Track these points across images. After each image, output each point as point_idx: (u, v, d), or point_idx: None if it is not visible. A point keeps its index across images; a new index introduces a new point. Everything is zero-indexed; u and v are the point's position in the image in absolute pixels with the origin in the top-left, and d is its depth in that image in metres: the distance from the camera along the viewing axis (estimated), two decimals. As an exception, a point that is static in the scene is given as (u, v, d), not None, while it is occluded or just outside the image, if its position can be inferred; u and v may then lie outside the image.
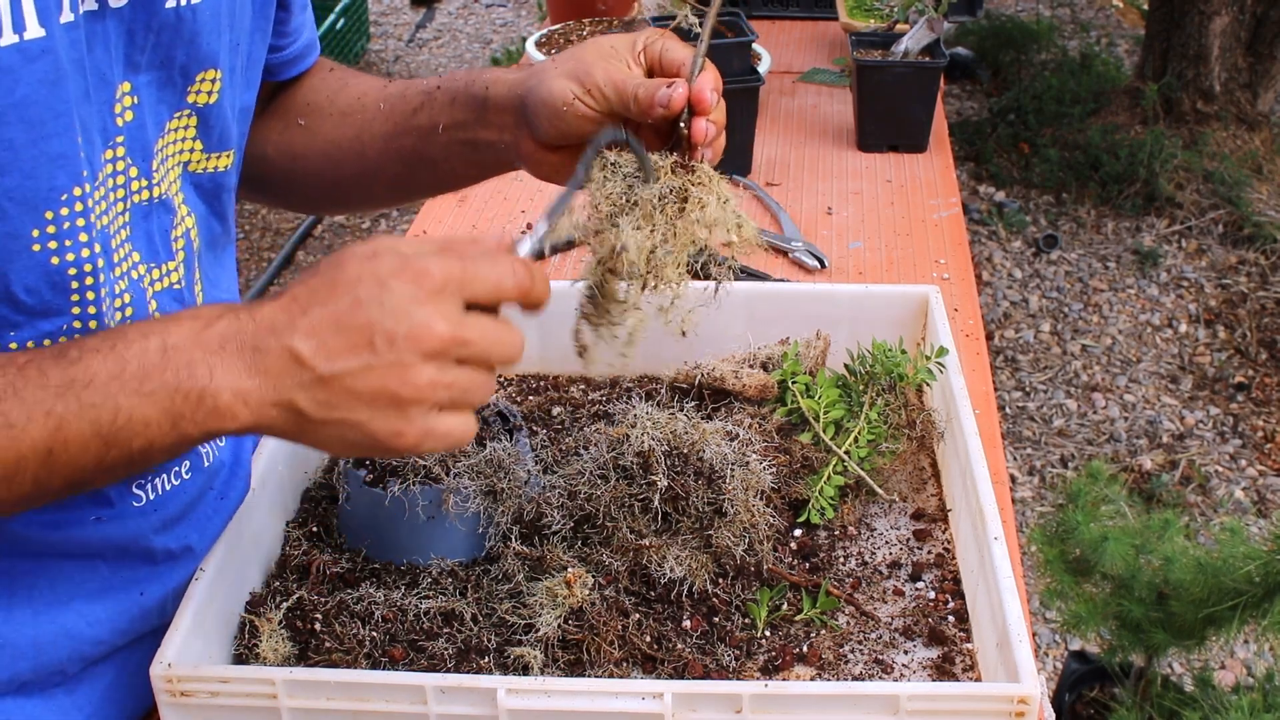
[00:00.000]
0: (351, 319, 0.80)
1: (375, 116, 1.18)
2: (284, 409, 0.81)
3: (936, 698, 0.92)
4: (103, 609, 1.07)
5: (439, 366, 0.81)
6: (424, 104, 1.15)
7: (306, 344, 0.80)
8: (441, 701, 0.93)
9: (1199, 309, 4.07)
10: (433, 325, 0.80)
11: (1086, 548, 1.85)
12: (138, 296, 0.99)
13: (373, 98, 1.20)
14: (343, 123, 1.20)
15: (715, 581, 1.11)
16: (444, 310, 0.81)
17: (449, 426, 0.84)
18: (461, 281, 0.83)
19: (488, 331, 0.83)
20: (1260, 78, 4.64)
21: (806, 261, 1.91)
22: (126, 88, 0.94)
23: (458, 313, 0.82)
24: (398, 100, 1.18)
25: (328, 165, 1.22)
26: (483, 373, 0.84)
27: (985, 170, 4.80)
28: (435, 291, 0.81)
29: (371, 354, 0.80)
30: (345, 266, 0.83)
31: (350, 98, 1.21)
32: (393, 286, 0.81)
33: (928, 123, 2.28)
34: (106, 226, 0.95)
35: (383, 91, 1.20)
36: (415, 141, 1.16)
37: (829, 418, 1.25)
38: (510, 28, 6.59)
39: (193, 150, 1.04)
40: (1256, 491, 3.38)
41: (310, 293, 0.82)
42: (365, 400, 0.80)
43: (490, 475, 1.15)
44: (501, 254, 0.87)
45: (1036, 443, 3.58)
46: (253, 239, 4.65)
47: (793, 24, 2.93)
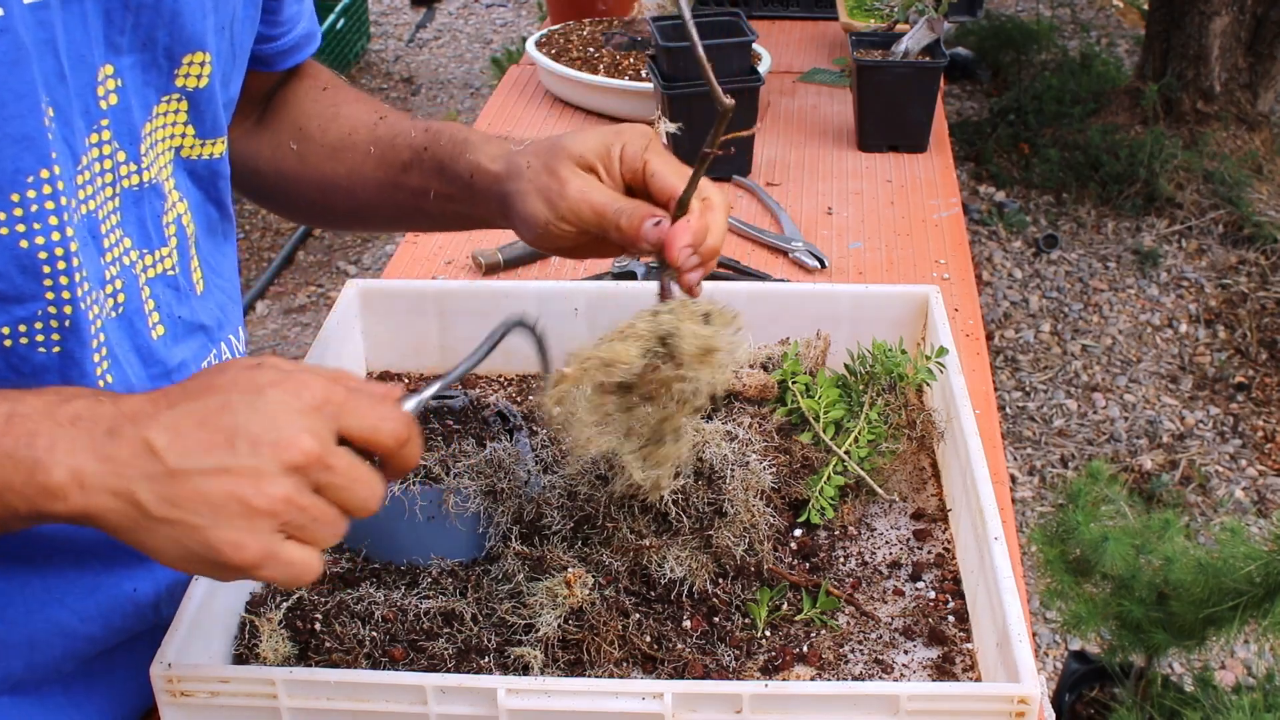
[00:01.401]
0: (217, 419, 0.76)
1: (366, 160, 1.16)
2: (121, 499, 0.75)
3: (936, 698, 0.92)
4: (95, 606, 1.06)
5: (297, 484, 0.76)
6: (413, 163, 1.13)
7: (163, 436, 0.75)
8: (441, 701, 0.93)
9: (1199, 309, 4.07)
10: (300, 438, 0.76)
11: (1086, 548, 1.85)
12: (130, 283, 0.99)
13: (363, 136, 1.17)
14: (334, 158, 1.18)
15: (715, 581, 1.11)
16: (315, 428, 0.77)
17: (293, 556, 0.77)
18: (341, 408, 0.79)
19: (354, 467, 0.79)
20: (1260, 78, 4.64)
21: (806, 261, 1.91)
22: (109, 70, 0.93)
23: (329, 435, 0.78)
24: (388, 149, 1.15)
25: (319, 196, 1.21)
26: (335, 511, 0.79)
27: (985, 170, 4.80)
28: (311, 408, 0.77)
29: (230, 455, 0.75)
30: (225, 372, 0.79)
31: (341, 132, 1.19)
32: (269, 394, 0.77)
33: (928, 123, 2.28)
34: (94, 211, 0.94)
35: (372, 131, 1.17)
36: (408, 198, 1.15)
37: (829, 418, 1.25)
38: (510, 28, 6.59)
39: (184, 136, 1.03)
40: (1256, 491, 3.38)
41: (182, 391, 0.78)
42: (212, 504, 0.74)
43: (490, 475, 1.15)
44: (387, 400, 0.83)
45: (1036, 443, 3.58)
46: (253, 239, 4.65)
47: (793, 24, 2.93)
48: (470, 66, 6.14)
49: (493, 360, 1.46)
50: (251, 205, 4.84)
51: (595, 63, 2.46)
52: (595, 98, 2.42)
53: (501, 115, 2.49)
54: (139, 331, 1.01)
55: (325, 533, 0.78)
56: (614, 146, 1.02)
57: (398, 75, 6.03)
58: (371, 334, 1.46)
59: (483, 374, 1.48)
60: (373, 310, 1.45)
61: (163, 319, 1.04)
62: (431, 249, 1.97)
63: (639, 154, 1.02)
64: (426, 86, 5.92)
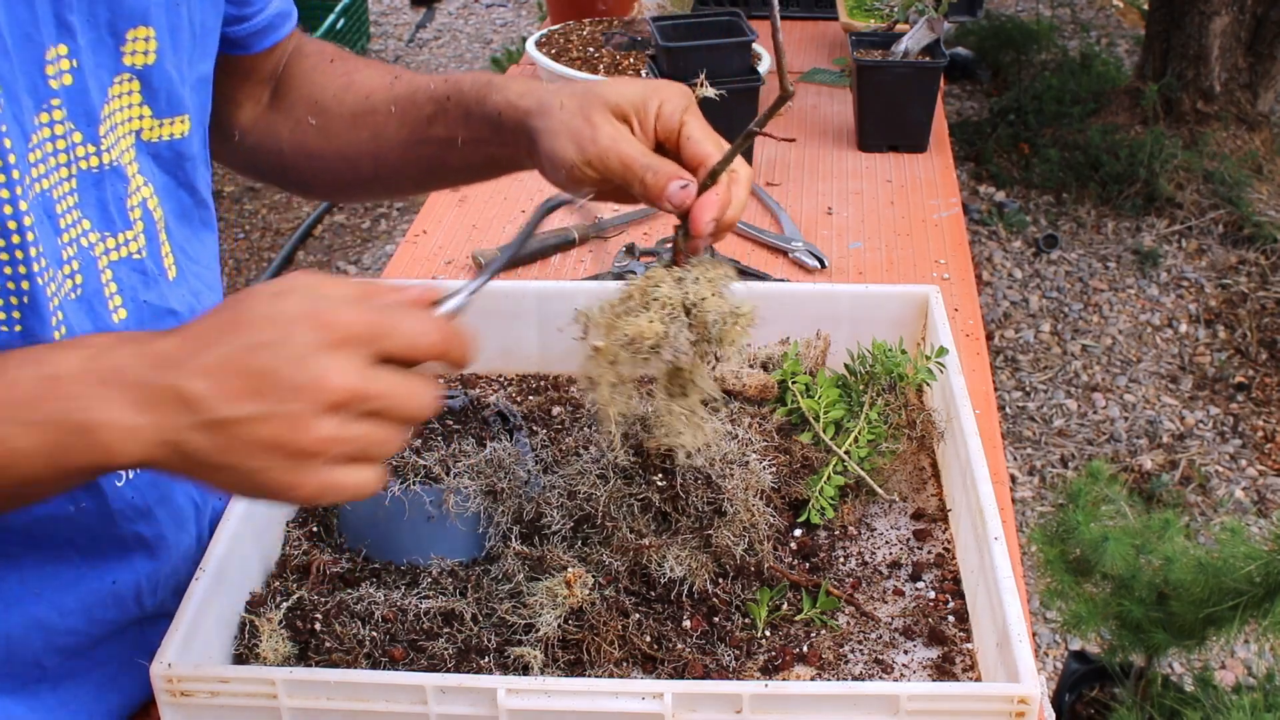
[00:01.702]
0: (250, 361, 0.75)
1: (389, 120, 1.16)
2: (174, 449, 0.76)
3: (936, 698, 0.92)
4: (76, 600, 1.06)
5: (340, 421, 0.76)
6: (437, 114, 1.13)
7: (200, 384, 0.75)
8: (441, 701, 0.93)
9: (1199, 309, 4.07)
10: (333, 378, 0.75)
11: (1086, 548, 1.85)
12: (87, 264, 0.98)
13: (381, 98, 1.17)
14: (355, 125, 1.18)
15: (715, 581, 1.11)
16: (348, 363, 0.76)
17: (351, 480, 0.79)
18: (373, 334, 0.78)
19: (396, 386, 0.78)
20: (1260, 78, 4.64)
21: (806, 261, 1.91)
22: (62, 50, 0.92)
23: (363, 366, 0.77)
24: (408, 105, 1.15)
25: (346, 167, 1.21)
26: (390, 427, 0.79)
27: (985, 170, 4.80)
28: (341, 341, 0.76)
29: (269, 402, 0.75)
30: (251, 304, 0.78)
31: (358, 97, 1.19)
32: (296, 332, 0.76)
33: (928, 123, 2.28)
34: (48, 191, 0.93)
35: (390, 91, 1.17)
36: (435, 150, 1.14)
37: (829, 418, 1.25)
38: (510, 28, 6.59)
39: (142, 117, 1.02)
40: (1256, 491, 3.38)
41: (210, 329, 0.77)
42: (260, 450, 0.75)
43: (490, 475, 1.15)
44: (420, 309, 0.83)
45: (1036, 443, 3.58)
46: (253, 239, 4.65)
47: (793, 24, 2.93)
48: (470, 66, 6.14)
49: (492, 361, 1.46)
50: (252, 205, 4.85)
51: (595, 63, 2.46)
52: (595, 98, 2.42)
53: (501, 115, 2.49)
54: (99, 315, 1.00)
55: (381, 451, 0.79)
56: (651, 101, 1.00)
57: (398, 75, 6.03)
58: (371, 334, 1.46)
59: (482, 374, 1.47)
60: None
61: (125, 303, 1.03)
62: (431, 249, 1.97)
63: (676, 114, 1.00)
64: (426, 86, 5.92)
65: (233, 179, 5.03)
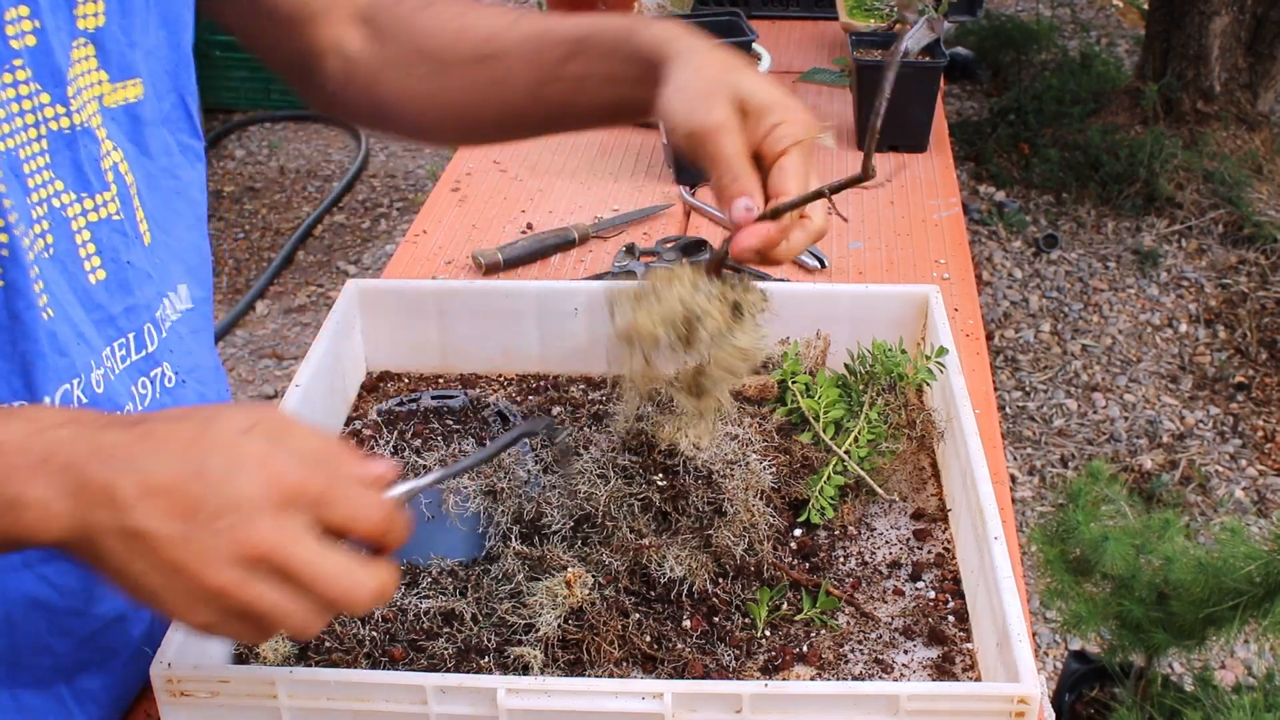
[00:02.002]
0: (189, 486, 0.74)
1: (514, 63, 1.15)
2: (88, 543, 0.75)
3: (936, 698, 0.92)
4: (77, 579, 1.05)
5: (247, 574, 0.74)
6: (574, 53, 1.12)
7: (131, 491, 0.74)
8: (441, 701, 0.93)
9: (1199, 309, 4.07)
10: (257, 529, 0.74)
11: (1086, 548, 1.85)
12: (59, 225, 0.98)
13: (505, 41, 1.16)
14: (475, 70, 1.16)
15: (715, 581, 1.11)
16: (280, 521, 0.75)
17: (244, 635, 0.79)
18: (318, 499, 0.77)
19: (326, 563, 0.76)
20: (1260, 78, 4.64)
21: (806, 261, 1.91)
22: (24, 11, 0.93)
23: (297, 529, 0.76)
24: (538, 46, 1.14)
25: (465, 112, 1.19)
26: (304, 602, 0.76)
27: (985, 170, 4.80)
28: (284, 499, 0.75)
29: (189, 529, 0.74)
30: (215, 430, 0.77)
31: (476, 41, 1.17)
32: (244, 476, 0.75)
33: (928, 123, 2.28)
34: (15, 150, 0.94)
35: (514, 32, 1.15)
36: (565, 90, 1.13)
37: (829, 418, 1.25)
38: (510, 28, 6.59)
39: (101, 82, 1.02)
40: (1256, 491, 3.38)
41: (165, 438, 0.77)
42: (164, 569, 0.74)
43: (490, 475, 1.15)
44: (371, 488, 0.81)
45: (1036, 443, 3.58)
46: (253, 239, 4.65)
47: (793, 24, 2.93)
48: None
49: (492, 360, 1.46)
50: (252, 205, 4.85)
51: (595, 63, 2.46)
52: (595, 98, 2.42)
53: (501, 115, 2.49)
54: (74, 275, 1.00)
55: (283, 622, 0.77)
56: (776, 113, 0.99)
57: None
58: (371, 334, 1.46)
59: (483, 374, 1.48)
60: (373, 310, 1.45)
61: (105, 263, 1.03)
62: (431, 249, 1.97)
63: (788, 140, 0.98)
64: (426, 86, 5.92)
65: (233, 179, 5.03)
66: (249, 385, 3.85)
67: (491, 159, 2.28)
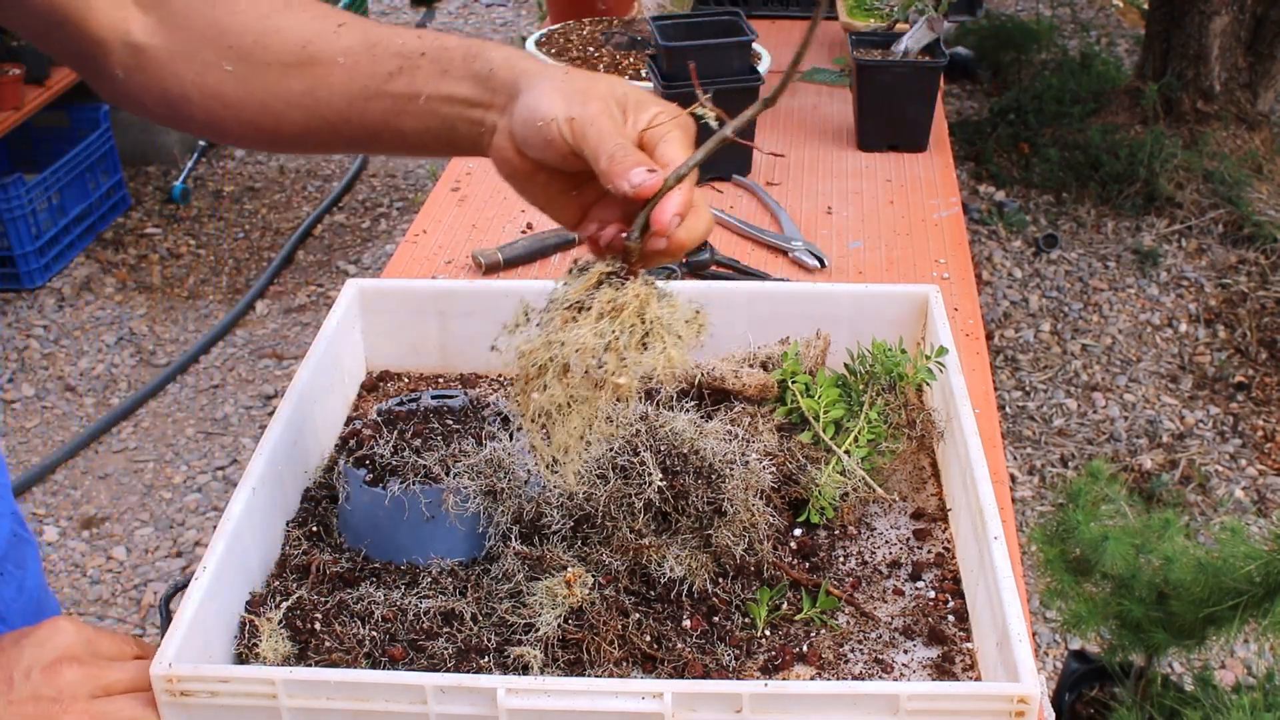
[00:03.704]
0: None
1: (333, 72, 1.05)
2: None
3: (936, 697, 0.92)
4: None
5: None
6: (403, 68, 1.04)
7: None
8: (441, 701, 0.93)
9: (1199, 309, 4.07)
10: None
11: (1086, 547, 1.85)
12: None
13: (324, 47, 1.05)
14: (287, 75, 1.07)
15: (715, 581, 1.11)
16: None
17: None
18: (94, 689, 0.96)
19: None
20: (1260, 78, 4.64)
21: (806, 261, 1.91)
22: None
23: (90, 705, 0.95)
24: (365, 58, 1.05)
25: (269, 118, 1.08)
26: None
27: (985, 170, 4.80)
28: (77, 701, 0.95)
29: None
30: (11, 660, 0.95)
31: (290, 46, 1.06)
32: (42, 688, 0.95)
33: (928, 123, 2.28)
34: None
35: (336, 40, 1.06)
36: (389, 106, 1.05)
37: (829, 417, 1.25)
38: (510, 27, 6.59)
39: None
40: (1256, 491, 3.38)
41: None
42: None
43: (490, 475, 1.15)
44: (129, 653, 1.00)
45: (1036, 442, 3.58)
46: (253, 239, 4.65)
47: (793, 24, 2.93)
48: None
49: (492, 360, 1.46)
50: (252, 205, 4.84)
51: (595, 62, 2.46)
52: (595, 97, 2.42)
53: (501, 115, 2.48)
54: None
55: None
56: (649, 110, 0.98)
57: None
58: (371, 333, 1.46)
59: (483, 373, 1.47)
60: (373, 310, 1.45)
61: None
62: (431, 249, 1.97)
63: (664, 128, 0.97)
64: (426, 86, 5.91)
65: (233, 179, 5.03)
66: (249, 385, 3.85)
67: (491, 159, 2.28)
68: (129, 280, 4.35)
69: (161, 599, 1.14)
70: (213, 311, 4.21)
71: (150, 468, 3.51)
